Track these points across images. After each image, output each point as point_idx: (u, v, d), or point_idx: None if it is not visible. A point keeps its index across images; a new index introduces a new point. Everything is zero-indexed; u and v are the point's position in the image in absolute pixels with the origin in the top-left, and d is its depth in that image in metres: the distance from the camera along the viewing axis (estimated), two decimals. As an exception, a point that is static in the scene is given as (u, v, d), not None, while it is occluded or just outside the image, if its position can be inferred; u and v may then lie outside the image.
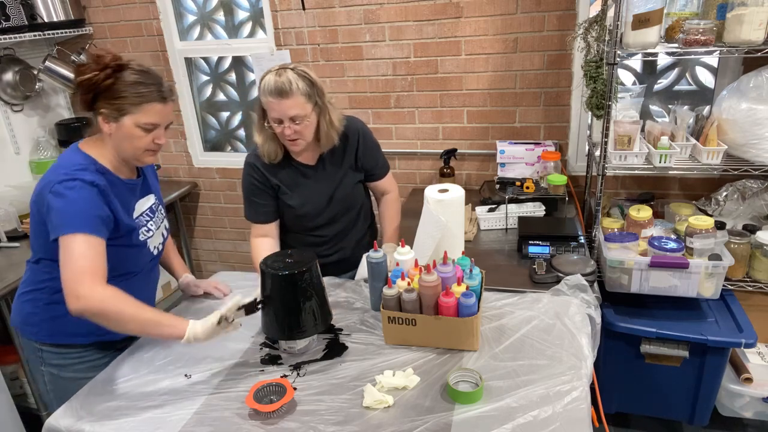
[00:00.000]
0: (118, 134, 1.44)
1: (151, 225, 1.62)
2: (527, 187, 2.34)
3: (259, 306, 1.45)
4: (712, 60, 2.48)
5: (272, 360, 1.47)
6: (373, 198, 2.08)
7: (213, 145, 3.43)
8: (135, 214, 1.56)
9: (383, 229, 2.01)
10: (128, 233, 1.51)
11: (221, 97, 3.30)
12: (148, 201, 1.64)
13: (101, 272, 1.36)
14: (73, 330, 1.54)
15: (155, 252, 1.65)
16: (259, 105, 1.70)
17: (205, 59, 3.21)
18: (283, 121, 1.65)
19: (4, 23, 2.71)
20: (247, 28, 3.05)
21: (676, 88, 2.62)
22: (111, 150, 1.49)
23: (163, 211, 1.73)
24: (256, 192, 1.83)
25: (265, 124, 1.70)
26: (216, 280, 1.89)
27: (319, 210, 1.86)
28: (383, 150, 1.99)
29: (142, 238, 1.56)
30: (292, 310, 1.42)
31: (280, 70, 1.63)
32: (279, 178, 1.81)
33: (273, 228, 1.87)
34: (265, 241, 1.85)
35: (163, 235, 1.70)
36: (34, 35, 2.80)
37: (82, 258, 1.33)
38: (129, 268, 1.57)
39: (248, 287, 1.84)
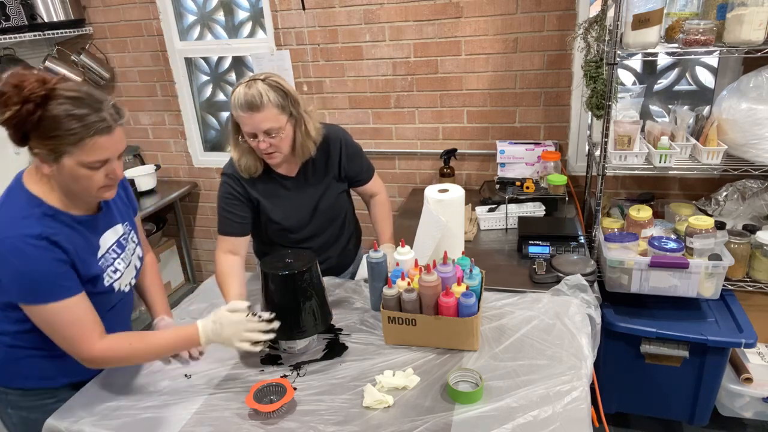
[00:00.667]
0: (61, 176, 1.20)
1: (119, 264, 1.40)
2: (527, 187, 2.34)
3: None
4: (712, 60, 2.48)
5: (272, 360, 1.47)
6: (359, 200, 2.03)
7: (213, 145, 3.43)
8: (100, 253, 1.34)
9: (378, 234, 1.98)
10: (90, 281, 1.30)
11: (221, 97, 3.30)
12: (115, 233, 1.41)
13: (92, 328, 1.25)
14: (41, 373, 1.37)
15: (125, 290, 1.45)
16: (233, 119, 1.61)
17: (205, 59, 3.21)
18: (257, 135, 1.56)
19: (4, 23, 2.72)
20: (247, 28, 3.05)
21: (676, 88, 2.62)
22: (58, 186, 1.25)
23: (134, 239, 1.50)
24: (234, 203, 1.71)
25: (240, 139, 1.63)
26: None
27: (302, 223, 1.79)
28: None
29: (107, 283, 1.35)
30: (292, 310, 1.42)
31: (250, 82, 1.54)
32: (259, 191, 1.73)
33: (243, 244, 1.75)
34: (233, 260, 1.69)
35: (136, 267, 1.49)
36: (34, 35, 2.80)
37: (67, 326, 1.22)
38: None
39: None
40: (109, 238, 1.38)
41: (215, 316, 1.33)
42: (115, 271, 1.38)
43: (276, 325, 1.38)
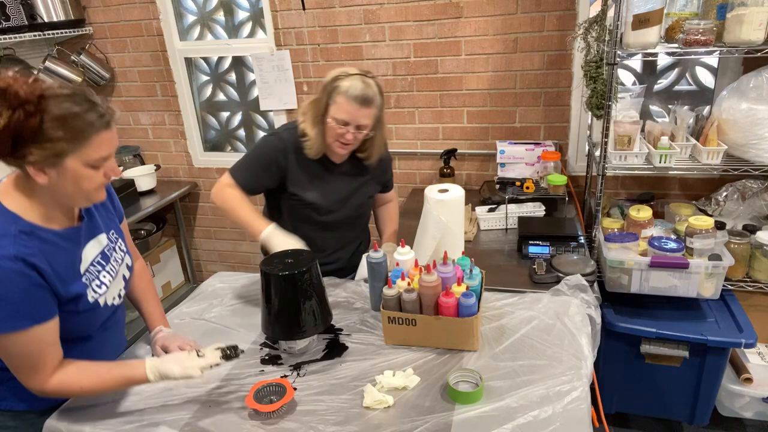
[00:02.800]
0: (61, 181, 1.12)
1: (104, 277, 1.32)
2: (527, 187, 2.35)
3: (238, 354, 1.31)
4: (712, 60, 2.48)
5: (272, 360, 1.47)
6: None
7: (213, 145, 3.43)
8: (83, 267, 1.26)
9: (381, 230, 2.01)
10: (72, 301, 1.22)
11: (221, 97, 3.30)
12: (98, 244, 1.33)
13: (48, 363, 1.19)
14: (26, 395, 1.27)
15: (114, 303, 1.37)
16: (326, 100, 1.65)
17: (205, 59, 3.21)
18: (350, 125, 1.64)
19: (4, 23, 2.72)
20: (247, 28, 3.05)
21: (676, 88, 2.62)
22: (39, 199, 1.17)
23: (122, 247, 1.42)
24: (267, 166, 1.74)
25: (328, 119, 1.66)
26: (192, 340, 1.51)
27: (332, 207, 1.83)
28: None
29: (91, 299, 1.27)
30: (292, 310, 1.42)
31: (365, 78, 1.63)
32: (301, 166, 1.76)
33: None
34: (239, 193, 1.73)
35: (124, 277, 1.41)
36: (34, 35, 2.80)
37: (22, 357, 1.16)
38: (80, 333, 1.31)
39: (248, 289, 1.84)
40: (91, 251, 1.30)
41: (151, 370, 1.26)
42: (99, 286, 1.30)
43: (216, 361, 1.28)
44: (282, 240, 1.62)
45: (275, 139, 1.76)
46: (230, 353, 1.29)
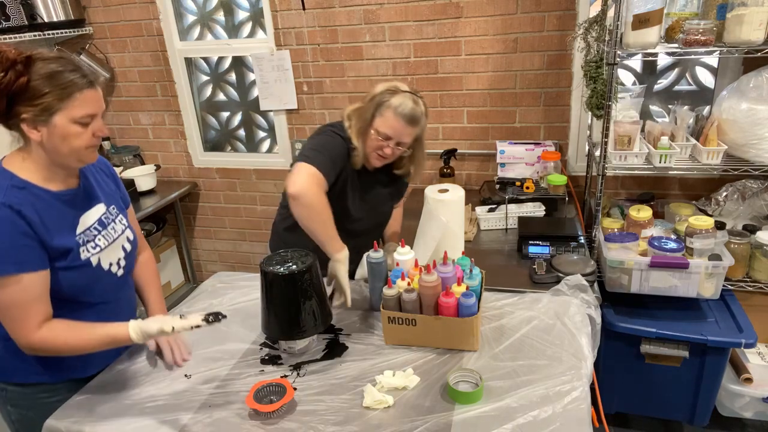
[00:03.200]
0: (51, 138, 1.21)
1: (99, 240, 1.36)
2: (527, 187, 2.35)
3: (220, 318, 1.30)
4: (712, 60, 2.48)
5: (272, 360, 1.47)
6: None
7: (213, 145, 3.43)
8: (79, 229, 1.32)
9: (385, 231, 1.99)
10: (62, 255, 1.27)
11: (221, 97, 3.30)
12: (97, 211, 1.39)
13: (35, 314, 1.23)
14: (38, 369, 1.36)
15: (117, 270, 1.42)
16: (372, 111, 1.65)
17: (205, 59, 3.21)
18: (391, 139, 1.64)
19: (4, 23, 2.71)
20: (247, 28, 3.05)
21: (676, 88, 2.62)
22: (38, 159, 1.25)
23: (124, 222, 1.48)
24: (337, 162, 1.66)
25: (371, 130, 1.66)
26: (183, 344, 1.52)
27: (363, 215, 1.80)
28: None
29: (83, 256, 1.31)
30: (292, 310, 1.42)
31: (415, 97, 1.64)
32: (347, 174, 1.73)
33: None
34: (326, 199, 1.58)
35: (124, 249, 1.45)
36: (34, 35, 2.80)
37: (10, 307, 1.21)
38: (86, 296, 1.36)
39: (248, 289, 1.84)
40: (90, 217, 1.37)
41: (134, 331, 1.28)
42: (94, 247, 1.35)
43: (197, 323, 1.28)
44: (345, 270, 1.59)
45: (342, 139, 1.70)
46: (212, 319, 1.28)
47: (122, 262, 1.44)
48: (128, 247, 1.47)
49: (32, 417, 1.38)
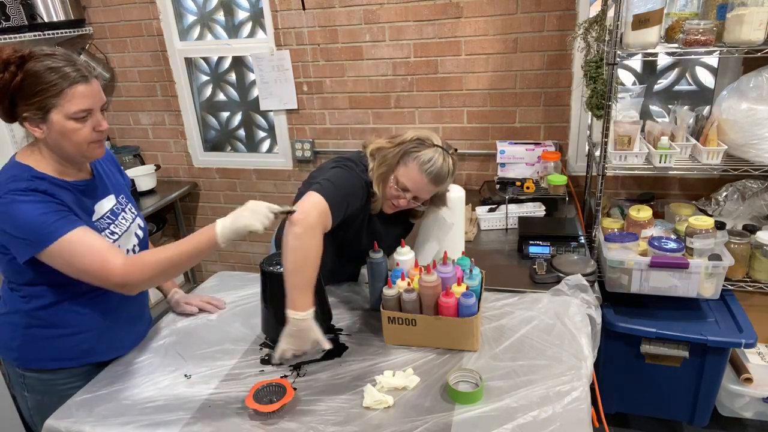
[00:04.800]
0: (52, 135, 1.24)
1: (114, 227, 1.41)
2: (527, 187, 2.35)
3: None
4: (712, 60, 2.48)
5: (272, 360, 1.47)
6: None
7: (213, 145, 3.43)
8: (95, 217, 1.37)
9: None
10: None
11: (221, 97, 3.30)
12: (109, 202, 1.44)
13: (110, 250, 1.24)
14: (58, 354, 1.39)
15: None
16: (398, 159, 1.55)
17: (205, 59, 3.21)
18: (409, 192, 1.57)
19: (4, 23, 2.71)
20: (247, 28, 3.05)
21: (676, 88, 2.62)
22: (50, 153, 1.29)
23: (133, 211, 1.52)
24: (346, 205, 1.49)
25: (391, 178, 1.57)
26: (208, 295, 1.77)
27: (367, 249, 1.64)
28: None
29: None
30: (292, 310, 1.42)
31: (446, 154, 1.57)
32: (362, 212, 1.63)
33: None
34: (321, 243, 1.40)
35: (137, 236, 1.50)
36: (34, 35, 2.80)
37: (86, 255, 1.21)
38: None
39: (248, 289, 1.84)
40: (104, 206, 1.42)
41: (221, 230, 1.24)
42: (111, 233, 1.39)
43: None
44: (316, 327, 1.36)
45: (362, 182, 1.57)
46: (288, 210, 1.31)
47: (137, 249, 1.49)
48: (140, 234, 1.53)
49: (47, 402, 1.40)
